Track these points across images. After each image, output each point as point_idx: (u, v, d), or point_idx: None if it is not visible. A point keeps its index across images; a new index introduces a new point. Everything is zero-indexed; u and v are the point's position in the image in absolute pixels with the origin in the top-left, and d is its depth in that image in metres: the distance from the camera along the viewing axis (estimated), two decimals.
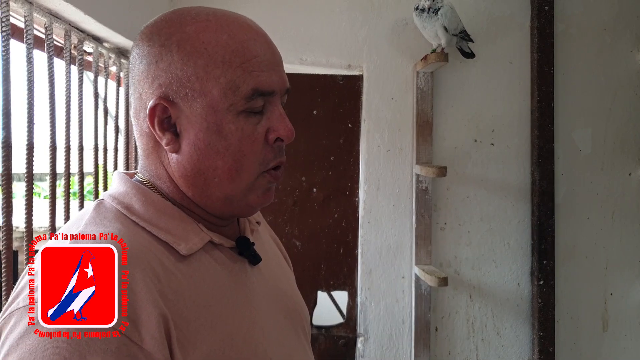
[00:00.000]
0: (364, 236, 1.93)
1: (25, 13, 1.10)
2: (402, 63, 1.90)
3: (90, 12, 1.24)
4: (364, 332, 1.92)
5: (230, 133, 0.61)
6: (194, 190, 0.64)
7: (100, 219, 0.60)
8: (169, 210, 0.63)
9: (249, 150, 0.62)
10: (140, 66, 0.62)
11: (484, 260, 1.92)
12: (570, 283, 1.92)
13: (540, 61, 1.85)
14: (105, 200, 0.63)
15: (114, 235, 0.57)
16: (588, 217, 1.92)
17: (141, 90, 0.62)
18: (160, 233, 0.61)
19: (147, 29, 0.64)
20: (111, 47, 1.56)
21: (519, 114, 1.91)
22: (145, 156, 0.66)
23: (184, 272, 0.60)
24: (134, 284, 0.53)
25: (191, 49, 0.60)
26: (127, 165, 1.69)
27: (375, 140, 1.91)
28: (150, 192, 0.64)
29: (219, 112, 0.60)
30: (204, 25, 0.61)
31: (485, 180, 1.92)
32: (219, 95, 0.60)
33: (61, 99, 1.29)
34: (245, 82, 0.60)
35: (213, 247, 0.65)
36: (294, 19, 1.87)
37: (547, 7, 1.85)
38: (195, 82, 0.60)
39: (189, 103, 0.60)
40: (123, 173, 0.68)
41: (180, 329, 0.56)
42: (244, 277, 0.67)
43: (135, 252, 0.57)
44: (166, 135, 0.62)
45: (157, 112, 0.61)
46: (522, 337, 1.92)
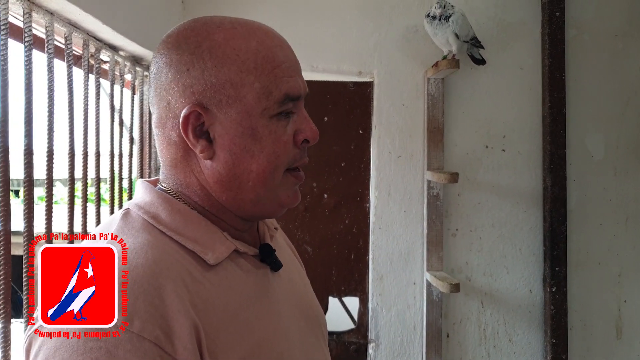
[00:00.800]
0: (375, 242, 1.93)
1: (46, 23, 1.13)
2: (412, 69, 1.91)
3: (108, 22, 1.27)
4: (375, 338, 1.92)
5: (264, 136, 0.62)
6: (228, 194, 0.64)
7: (128, 228, 0.61)
8: (195, 219, 0.64)
9: (281, 152, 0.64)
10: (168, 75, 0.62)
11: (496, 266, 1.92)
12: (583, 290, 1.91)
13: (552, 67, 1.85)
14: (132, 209, 0.64)
15: (140, 245, 0.58)
16: (601, 224, 1.91)
17: (169, 99, 0.62)
18: (188, 242, 0.61)
19: (172, 38, 0.64)
20: (126, 55, 1.59)
21: (530, 120, 1.91)
22: (172, 166, 0.66)
23: (212, 281, 0.60)
24: (165, 295, 0.54)
25: (223, 56, 0.61)
26: (142, 172, 1.71)
27: (386, 146, 1.92)
28: (176, 202, 0.64)
29: (253, 116, 0.62)
30: (231, 32, 0.62)
31: (496, 187, 1.92)
32: (253, 101, 0.62)
33: (79, 107, 1.32)
34: (277, 88, 0.62)
35: (237, 255, 0.66)
36: (305, 26, 1.89)
37: (559, 13, 1.85)
38: (229, 88, 0.61)
39: (223, 109, 0.61)
40: (146, 182, 0.68)
41: (211, 338, 0.56)
42: (267, 284, 0.68)
43: (165, 263, 0.57)
44: (200, 143, 0.62)
45: (190, 119, 0.61)
46: (534, 344, 1.91)
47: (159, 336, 0.52)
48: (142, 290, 0.53)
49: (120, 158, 1.57)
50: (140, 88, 1.70)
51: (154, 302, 0.53)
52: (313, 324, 0.75)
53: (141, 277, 0.54)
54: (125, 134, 1.62)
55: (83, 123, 1.33)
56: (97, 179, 1.42)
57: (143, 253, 0.57)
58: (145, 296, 0.53)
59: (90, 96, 1.37)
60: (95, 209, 1.43)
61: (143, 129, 1.73)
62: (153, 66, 0.65)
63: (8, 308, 1.05)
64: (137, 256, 0.56)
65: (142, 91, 1.71)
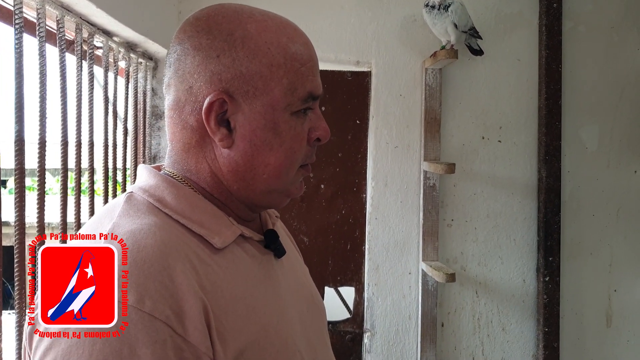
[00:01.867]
0: (371, 232, 1.93)
1: (37, 5, 1.09)
2: (410, 59, 1.90)
3: (101, 5, 1.22)
4: (370, 328, 1.93)
5: (284, 131, 0.63)
6: (240, 184, 0.65)
7: (133, 211, 0.60)
8: (201, 203, 0.63)
9: (298, 148, 0.65)
10: (195, 59, 0.61)
11: (490, 256, 1.93)
12: (575, 279, 1.94)
13: (548, 58, 1.86)
14: (135, 192, 0.63)
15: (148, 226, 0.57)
16: (594, 214, 1.94)
17: (193, 83, 0.61)
18: (194, 226, 0.61)
19: (202, 22, 0.63)
20: (120, 41, 1.54)
21: (526, 111, 1.92)
22: (184, 150, 0.65)
23: (220, 264, 0.60)
24: (174, 276, 0.54)
25: (255, 47, 0.61)
26: (136, 162, 1.68)
27: (383, 137, 1.91)
28: (181, 185, 0.64)
29: (277, 110, 0.62)
30: (264, 25, 0.62)
31: (492, 177, 1.93)
32: (279, 95, 0.62)
33: (71, 94, 1.27)
34: (302, 85, 0.63)
35: (243, 240, 0.66)
36: (303, 15, 1.86)
37: (556, 4, 1.85)
38: (258, 81, 0.61)
39: (249, 100, 0.62)
40: (149, 166, 0.67)
41: (220, 320, 0.56)
42: (271, 270, 0.68)
43: (173, 244, 0.57)
44: (221, 131, 0.62)
45: (215, 107, 0.61)
46: (527, 333, 1.94)
47: (169, 316, 0.51)
48: (153, 270, 0.53)
49: (115, 148, 1.53)
50: (134, 75, 1.65)
51: (165, 282, 0.52)
52: (314, 310, 0.76)
53: (151, 257, 0.53)
54: (119, 123, 1.58)
55: (76, 111, 1.29)
56: (90, 169, 1.38)
57: (151, 234, 0.56)
58: (156, 276, 0.52)
59: (84, 83, 1.33)
60: (89, 199, 1.40)
61: (137, 117, 1.68)
62: (177, 47, 0.64)
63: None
64: (145, 237, 0.55)
65: (137, 79, 1.67)
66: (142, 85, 1.72)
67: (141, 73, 1.72)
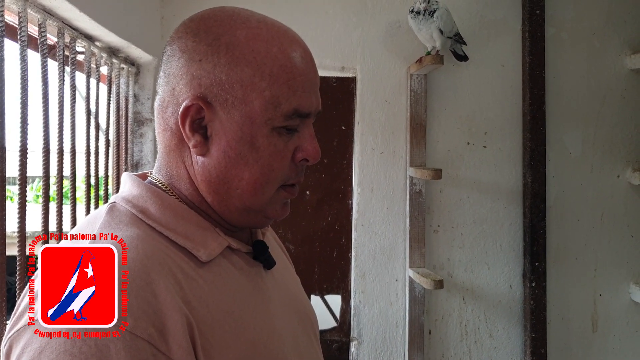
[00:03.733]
0: (357, 239, 1.92)
1: (19, 9, 1.06)
2: (395, 65, 1.90)
3: (85, 9, 1.20)
4: (357, 336, 1.91)
5: (262, 146, 0.60)
6: (214, 197, 0.62)
7: (115, 222, 0.58)
8: (187, 214, 0.62)
9: (277, 166, 0.61)
10: (180, 61, 0.60)
11: (477, 262, 1.93)
12: (561, 284, 1.94)
13: (532, 64, 1.87)
14: (118, 203, 0.61)
15: (129, 239, 0.55)
16: (578, 219, 1.95)
17: (175, 85, 0.60)
18: (179, 238, 0.59)
19: (194, 24, 0.61)
20: (103, 46, 1.52)
21: (510, 117, 1.93)
22: (166, 152, 0.64)
23: (205, 278, 0.59)
24: (158, 291, 0.52)
25: (240, 55, 0.59)
26: (118, 169, 1.64)
27: (369, 143, 1.91)
28: (166, 195, 0.62)
29: (256, 124, 0.59)
30: (256, 32, 0.60)
31: (477, 183, 1.93)
32: (259, 108, 0.59)
33: (53, 100, 1.25)
34: (287, 101, 0.59)
35: (230, 251, 0.64)
36: (287, 20, 1.84)
37: (538, 10, 1.87)
38: (238, 90, 0.59)
39: (227, 109, 0.59)
40: (134, 174, 0.65)
41: (205, 336, 0.55)
42: (260, 282, 0.66)
43: (156, 258, 0.55)
44: (195, 137, 0.60)
45: (191, 112, 0.59)
46: (514, 339, 1.93)
47: (152, 334, 0.50)
48: (134, 285, 0.51)
49: (97, 155, 1.50)
50: (116, 81, 1.63)
51: (147, 299, 0.51)
52: (305, 323, 0.74)
53: (133, 271, 0.52)
54: (101, 130, 1.55)
55: (58, 118, 1.26)
56: (72, 177, 1.35)
57: (134, 247, 0.54)
58: (138, 292, 0.51)
59: (66, 89, 1.30)
60: (71, 207, 1.36)
61: (119, 124, 1.66)
62: (168, 47, 0.63)
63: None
64: None
65: (119, 84, 1.64)
66: (124, 91, 1.70)
67: (123, 79, 1.69)
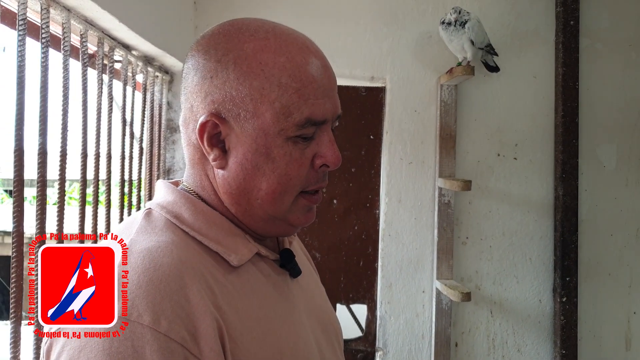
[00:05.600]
0: (384, 249, 1.91)
1: (63, 20, 1.10)
2: (425, 75, 1.90)
3: (124, 20, 1.24)
4: (382, 347, 1.89)
5: (278, 157, 0.60)
6: (237, 208, 0.63)
7: (151, 227, 0.60)
8: (218, 220, 0.63)
9: (294, 175, 0.61)
10: (194, 78, 0.62)
11: (506, 275, 1.90)
12: (593, 301, 1.89)
13: (565, 76, 1.85)
14: (154, 209, 0.63)
15: (165, 244, 0.57)
16: (612, 234, 1.90)
17: (193, 102, 0.62)
18: (211, 243, 0.60)
19: (205, 40, 0.63)
20: (139, 55, 1.56)
21: (542, 129, 1.90)
22: (191, 165, 0.66)
23: (235, 284, 0.60)
24: (191, 295, 0.53)
25: (248, 69, 0.59)
26: (151, 174, 1.68)
27: (397, 153, 1.90)
28: (198, 202, 0.64)
29: (269, 135, 0.60)
30: (263, 44, 0.60)
31: (507, 195, 1.90)
32: (271, 119, 0.59)
33: (92, 107, 1.29)
34: (299, 110, 0.59)
35: (259, 258, 0.65)
36: (318, 30, 1.87)
37: (573, 21, 1.84)
38: (249, 103, 0.59)
39: (240, 123, 0.60)
40: (168, 182, 0.67)
41: (235, 341, 0.55)
42: (286, 290, 0.67)
43: (190, 263, 0.56)
44: (214, 151, 0.61)
45: (207, 127, 0.61)
46: (543, 355, 1.89)
47: (185, 337, 0.51)
48: (169, 289, 0.52)
49: (131, 160, 1.53)
50: (151, 89, 1.67)
51: (180, 302, 0.52)
52: (330, 333, 0.74)
53: (167, 275, 0.53)
54: (136, 136, 1.59)
55: (96, 124, 1.30)
56: (107, 181, 1.39)
57: (168, 252, 0.56)
58: (172, 295, 0.52)
59: (104, 97, 1.34)
60: (106, 211, 1.40)
61: (153, 130, 1.69)
62: (186, 64, 0.65)
63: (19, 310, 1.01)
64: (162, 254, 0.55)
65: (153, 92, 1.68)
66: (158, 98, 1.74)
67: (157, 86, 1.73)
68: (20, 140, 0.97)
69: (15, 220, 0.96)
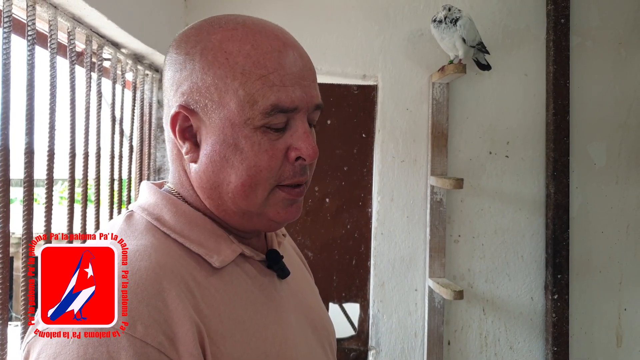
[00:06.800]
0: (376, 248, 1.90)
1: (50, 17, 1.09)
2: (417, 74, 1.89)
3: (112, 17, 1.22)
4: (375, 345, 1.89)
5: (246, 147, 0.58)
6: (210, 202, 0.62)
7: (131, 230, 0.59)
8: (200, 221, 0.62)
9: (264, 166, 0.59)
10: (167, 73, 0.62)
11: (498, 273, 1.90)
12: (584, 297, 1.90)
13: (556, 74, 1.85)
14: (135, 211, 0.62)
15: (143, 247, 0.56)
16: (602, 231, 1.91)
17: (168, 97, 0.62)
18: (192, 245, 0.59)
19: (179, 36, 0.63)
20: (128, 53, 1.54)
21: (533, 127, 1.91)
22: (171, 162, 0.66)
23: (217, 287, 0.59)
24: (168, 299, 0.52)
25: (212, 59, 0.58)
26: (141, 173, 1.66)
27: (389, 151, 1.90)
28: (180, 203, 0.63)
29: (236, 125, 0.58)
30: (230, 34, 0.59)
31: (499, 193, 1.91)
32: (236, 109, 0.58)
33: (81, 106, 1.27)
34: (264, 97, 0.57)
35: (243, 259, 0.64)
36: (310, 28, 1.86)
37: (563, 20, 1.85)
38: (214, 93, 0.58)
39: (207, 114, 0.59)
40: (151, 183, 0.66)
41: (217, 345, 0.55)
42: (273, 292, 0.66)
43: (169, 266, 0.55)
44: (186, 144, 0.61)
45: (178, 120, 0.60)
46: (535, 352, 1.90)
47: (162, 342, 0.50)
48: (146, 293, 0.52)
49: (120, 159, 1.52)
50: (141, 87, 1.65)
51: (158, 306, 0.51)
52: (320, 335, 0.73)
53: (144, 280, 0.52)
54: (126, 135, 1.57)
55: (84, 123, 1.29)
56: (97, 180, 1.37)
57: (146, 255, 0.55)
58: (149, 300, 0.51)
59: (92, 95, 1.32)
60: (95, 210, 1.38)
61: (143, 129, 1.68)
62: (164, 61, 0.65)
63: (5, 311, 1.00)
64: (140, 258, 0.54)
65: (143, 90, 1.66)
66: (148, 97, 1.72)
67: (147, 85, 1.71)
68: (5, 139, 0.95)
69: (1, 221, 0.94)
